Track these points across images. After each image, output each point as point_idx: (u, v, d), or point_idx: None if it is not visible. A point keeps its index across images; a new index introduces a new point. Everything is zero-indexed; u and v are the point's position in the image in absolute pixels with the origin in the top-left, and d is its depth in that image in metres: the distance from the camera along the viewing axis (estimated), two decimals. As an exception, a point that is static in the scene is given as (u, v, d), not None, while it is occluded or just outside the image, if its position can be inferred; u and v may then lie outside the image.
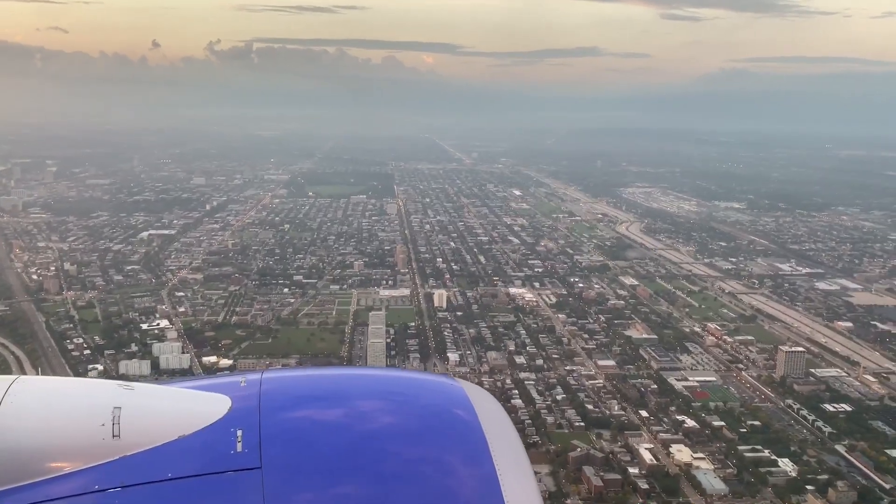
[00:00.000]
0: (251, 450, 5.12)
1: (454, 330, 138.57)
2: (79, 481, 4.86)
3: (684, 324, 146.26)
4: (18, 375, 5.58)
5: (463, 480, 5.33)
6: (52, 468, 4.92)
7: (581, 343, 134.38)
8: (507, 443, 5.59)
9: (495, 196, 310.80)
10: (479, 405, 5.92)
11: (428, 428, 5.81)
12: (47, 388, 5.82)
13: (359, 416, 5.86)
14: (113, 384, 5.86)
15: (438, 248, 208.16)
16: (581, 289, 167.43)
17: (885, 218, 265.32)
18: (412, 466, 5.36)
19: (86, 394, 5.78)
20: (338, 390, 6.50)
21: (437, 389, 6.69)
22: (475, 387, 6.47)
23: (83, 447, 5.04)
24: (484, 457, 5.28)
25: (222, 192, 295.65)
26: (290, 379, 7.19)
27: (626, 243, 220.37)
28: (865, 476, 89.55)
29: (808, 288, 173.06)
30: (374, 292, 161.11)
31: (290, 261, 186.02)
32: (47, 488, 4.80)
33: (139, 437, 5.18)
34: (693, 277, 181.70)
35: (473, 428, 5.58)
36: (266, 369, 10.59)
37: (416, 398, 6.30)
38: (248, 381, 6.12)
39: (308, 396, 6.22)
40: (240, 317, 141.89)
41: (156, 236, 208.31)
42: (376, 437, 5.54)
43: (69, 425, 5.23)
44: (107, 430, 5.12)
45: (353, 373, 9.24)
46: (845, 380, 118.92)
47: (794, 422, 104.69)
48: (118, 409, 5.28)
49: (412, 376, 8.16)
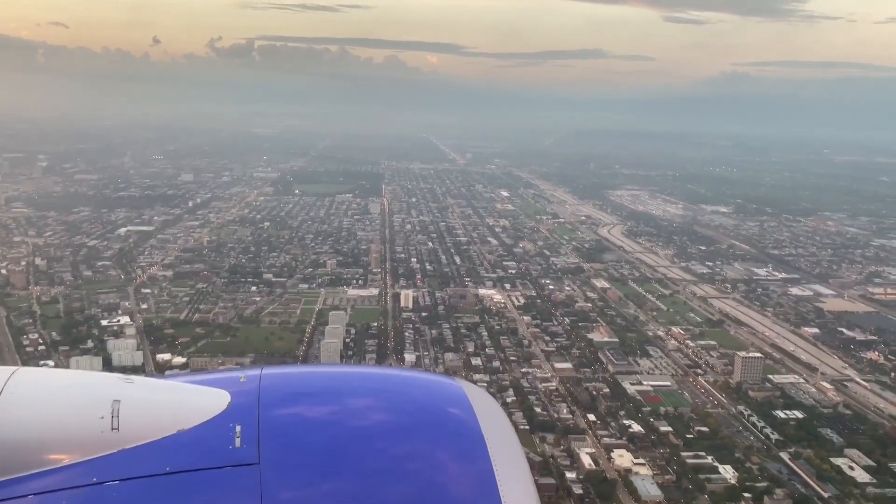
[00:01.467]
0: (249, 445, 5.10)
1: (416, 330, 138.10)
2: (77, 473, 4.85)
3: (649, 327, 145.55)
4: (18, 367, 5.62)
5: (460, 479, 5.31)
6: (51, 460, 4.92)
7: (542, 345, 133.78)
8: (505, 442, 5.57)
9: (482, 197, 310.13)
10: (477, 404, 5.91)
11: (426, 426, 5.81)
12: (47, 380, 5.84)
13: (357, 414, 5.90)
14: (113, 377, 5.85)
15: (415, 248, 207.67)
16: (551, 291, 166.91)
17: (870, 224, 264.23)
18: (410, 464, 5.33)
19: (85, 386, 5.74)
20: (337, 387, 6.48)
21: (436, 388, 6.69)
22: (474, 386, 6.44)
23: (82, 439, 5.03)
24: (481, 456, 5.26)
25: (208, 188, 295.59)
26: (290, 375, 7.25)
27: (604, 246, 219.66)
28: (805, 484, 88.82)
29: (780, 293, 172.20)
30: (342, 292, 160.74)
31: (263, 259, 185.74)
32: (46, 480, 4.79)
33: (138, 430, 5.16)
34: (666, 281, 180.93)
35: (471, 427, 5.57)
36: (266, 365, 10.70)
37: (415, 396, 6.30)
38: (247, 377, 6.12)
39: (307, 393, 6.22)
40: (202, 314, 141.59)
41: (133, 232, 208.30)
42: (374, 435, 5.57)
43: (68, 417, 5.22)
44: (106, 423, 5.10)
45: (353, 370, 9.30)
46: (802, 386, 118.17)
47: (743, 428, 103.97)
48: (117, 402, 5.26)
49: (411, 375, 8.14)
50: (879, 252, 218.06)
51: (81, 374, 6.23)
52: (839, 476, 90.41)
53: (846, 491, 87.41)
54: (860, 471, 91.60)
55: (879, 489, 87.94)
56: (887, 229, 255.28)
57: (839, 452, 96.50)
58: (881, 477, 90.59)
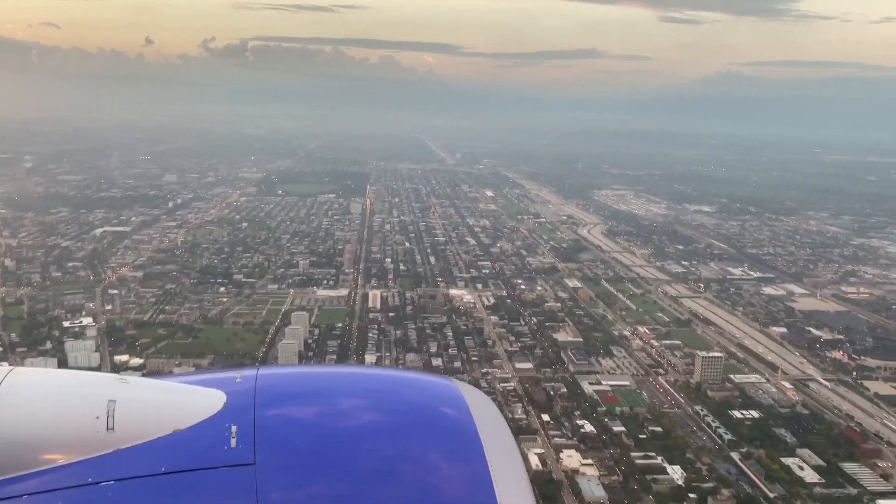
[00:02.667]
0: (245, 446, 5.05)
1: (381, 331, 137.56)
2: (72, 473, 4.80)
3: (616, 327, 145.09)
4: (13, 367, 5.57)
5: (456, 479, 5.29)
6: (46, 460, 4.87)
7: (506, 345, 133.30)
8: (502, 444, 5.53)
9: (466, 197, 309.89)
10: (473, 405, 5.86)
11: (422, 427, 5.76)
12: (41, 380, 5.78)
13: (353, 414, 5.87)
14: (108, 377, 5.84)
15: (392, 248, 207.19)
16: (522, 291, 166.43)
17: (852, 223, 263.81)
18: (406, 464, 5.32)
19: (80, 386, 5.70)
20: (333, 388, 6.43)
21: (432, 389, 6.66)
22: (471, 387, 6.38)
23: (77, 439, 4.98)
24: (477, 457, 5.22)
25: (191, 189, 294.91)
26: (286, 376, 7.21)
27: (582, 245, 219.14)
28: (753, 484, 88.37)
29: (753, 292, 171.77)
30: (311, 292, 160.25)
31: (236, 259, 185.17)
32: (40, 480, 4.74)
33: (133, 430, 5.11)
34: (640, 280, 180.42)
35: (468, 427, 5.53)
36: (262, 365, 10.69)
37: (411, 397, 6.27)
38: (243, 377, 6.08)
39: (303, 393, 6.20)
40: (167, 315, 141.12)
41: (109, 233, 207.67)
42: (370, 435, 5.54)
43: (63, 417, 5.16)
44: (101, 423, 5.05)
45: (349, 371, 9.17)
46: (762, 386, 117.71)
47: (698, 428, 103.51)
48: (113, 402, 5.21)
49: (407, 375, 8.00)
50: (858, 251, 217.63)
51: (76, 374, 6.10)
52: (788, 476, 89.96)
53: (793, 491, 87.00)
54: (810, 471, 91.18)
55: (826, 489, 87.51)
56: (868, 228, 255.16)
57: (791, 452, 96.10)
58: (830, 477, 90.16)
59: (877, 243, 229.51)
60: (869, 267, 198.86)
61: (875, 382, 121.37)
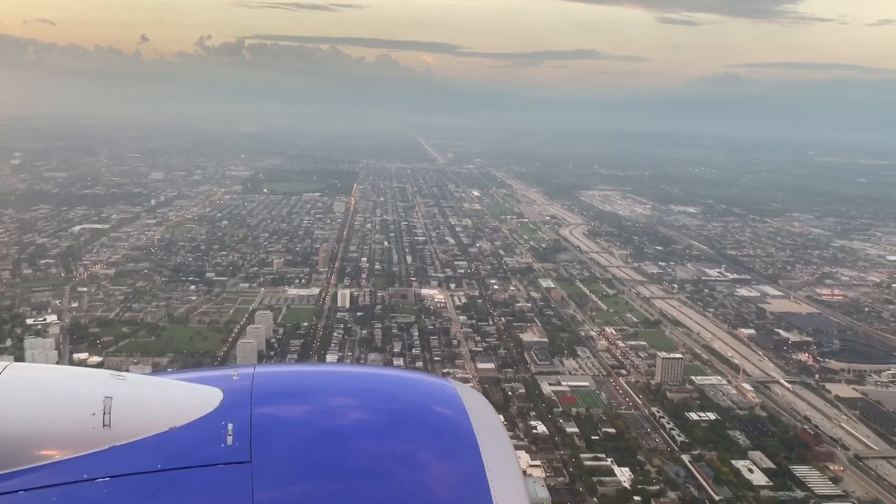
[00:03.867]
0: (241, 443, 5.07)
1: (347, 330, 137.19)
2: (68, 469, 4.82)
3: (584, 328, 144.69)
4: (10, 362, 5.54)
5: (452, 478, 5.31)
6: (42, 455, 4.89)
7: (471, 345, 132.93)
8: (497, 443, 5.55)
9: (452, 196, 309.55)
10: (469, 405, 5.90)
11: (418, 426, 5.78)
12: (39, 376, 5.80)
13: (349, 413, 5.89)
14: (105, 373, 5.79)
15: (370, 247, 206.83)
16: (494, 291, 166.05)
17: (836, 225, 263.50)
18: (402, 463, 5.33)
19: (77, 382, 5.69)
20: (329, 387, 6.44)
21: (429, 389, 6.66)
22: (467, 387, 6.41)
23: (73, 436, 4.99)
24: (473, 455, 5.25)
25: (176, 187, 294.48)
26: (282, 374, 7.22)
27: (562, 246, 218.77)
28: (700, 487, 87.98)
29: (727, 294, 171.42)
30: (282, 291, 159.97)
31: (211, 257, 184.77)
32: (36, 475, 4.77)
33: (130, 427, 5.12)
34: (614, 281, 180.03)
35: (463, 427, 5.56)
36: (258, 363, 10.74)
37: (408, 396, 6.27)
38: (240, 375, 6.08)
39: (299, 392, 6.17)
40: (133, 314, 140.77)
41: (87, 230, 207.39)
42: (366, 434, 5.54)
43: (60, 413, 5.18)
44: (97, 420, 5.06)
45: (346, 370, 9.18)
46: (723, 388, 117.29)
47: (653, 430, 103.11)
48: (109, 398, 5.21)
49: (404, 375, 8.21)
50: (838, 253, 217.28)
51: (73, 370, 6.10)
52: (736, 479, 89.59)
53: (739, 494, 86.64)
54: (759, 473, 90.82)
55: (773, 492, 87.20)
56: (851, 230, 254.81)
57: (744, 455, 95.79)
58: (779, 480, 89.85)
59: (858, 245, 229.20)
60: (847, 269, 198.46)
61: (837, 385, 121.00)
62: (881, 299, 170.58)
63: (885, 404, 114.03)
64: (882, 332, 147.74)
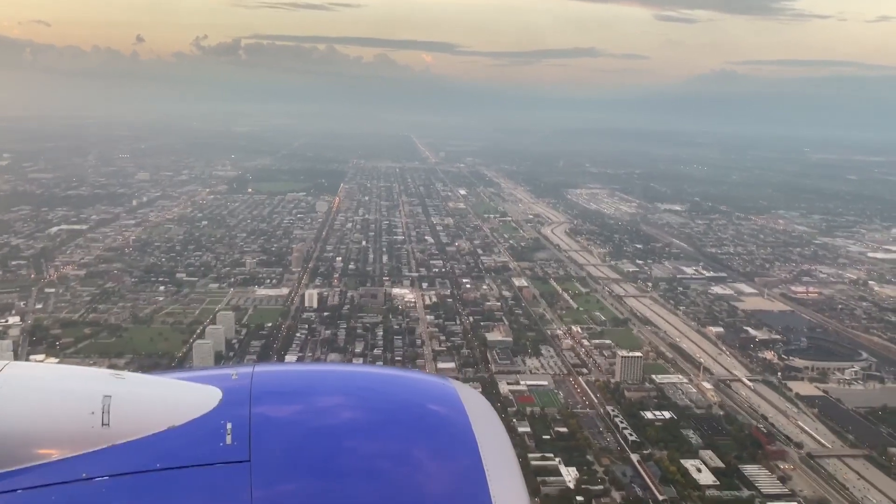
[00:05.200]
0: (240, 443, 5.07)
1: (311, 330, 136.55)
2: (67, 468, 4.82)
3: (552, 326, 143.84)
4: (9, 361, 5.52)
5: (451, 478, 5.29)
6: (41, 454, 4.89)
7: (435, 345, 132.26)
8: (497, 443, 5.54)
9: (438, 195, 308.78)
10: (469, 405, 5.87)
11: (418, 426, 5.75)
12: (38, 374, 5.78)
13: (349, 413, 5.87)
14: (104, 372, 5.80)
15: (346, 246, 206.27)
16: (466, 290, 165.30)
17: (820, 222, 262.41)
18: (401, 463, 5.33)
19: (76, 381, 5.66)
20: (329, 386, 6.41)
21: (428, 388, 6.62)
22: (467, 387, 6.38)
23: (72, 434, 5.00)
24: (472, 455, 5.24)
25: (161, 187, 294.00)
26: (281, 373, 7.24)
27: (541, 244, 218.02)
28: (646, 487, 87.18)
29: (700, 292, 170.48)
30: (251, 291, 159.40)
31: (185, 258, 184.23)
32: (35, 474, 4.78)
33: (128, 426, 5.11)
34: (589, 279, 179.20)
35: (463, 427, 5.53)
36: (258, 363, 10.58)
37: (407, 396, 6.26)
38: (239, 375, 6.07)
39: (298, 391, 6.16)
40: (98, 315, 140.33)
41: (64, 231, 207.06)
42: (365, 434, 5.53)
43: (59, 412, 5.18)
44: (96, 419, 5.06)
45: (345, 369, 9.13)
46: (683, 386, 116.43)
47: (606, 429, 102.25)
48: (108, 397, 5.21)
49: (404, 375, 8.10)
50: (819, 251, 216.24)
51: (72, 369, 6.07)
52: (683, 479, 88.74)
53: (684, 494, 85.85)
54: (707, 473, 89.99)
55: (719, 491, 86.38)
56: (836, 227, 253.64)
57: (694, 454, 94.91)
58: (727, 479, 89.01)
59: (840, 242, 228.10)
60: (826, 266, 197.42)
61: (799, 383, 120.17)
62: (855, 296, 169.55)
63: (846, 402, 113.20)
64: (852, 329, 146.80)
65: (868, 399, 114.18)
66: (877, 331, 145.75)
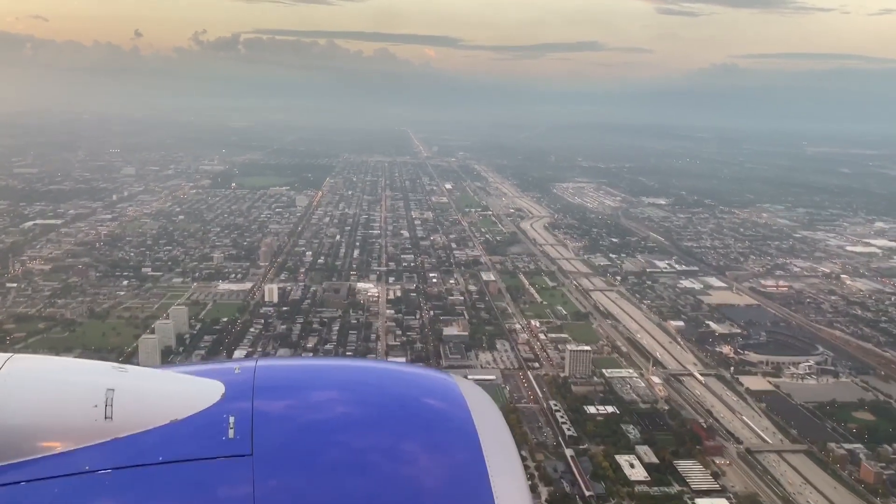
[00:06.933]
0: (243, 437, 5.06)
1: (266, 325, 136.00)
2: (69, 461, 4.82)
3: (512, 321, 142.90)
4: (13, 353, 5.45)
5: (453, 472, 5.28)
6: (43, 447, 4.88)
7: (390, 339, 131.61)
8: (498, 438, 5.52)
9: (423, 190, 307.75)
10: (471, 400, 5.84)
11: (419, 420, 5.71)
12: (41, 367, 5.68)
13: (351, 407, 5.82)
14: (107, 366, 5.71)
15: (319, 241, 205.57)
16: (432, 284, 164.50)
17: (804, 216, 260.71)
18: (402, 457, 5.31)
19: (79, 374, 5.60)
20: (331, 380, 6.37)
21: (430, 383, 6.52)
22: (469, 382, 6.31)
23: (75, 428, 4.98)
24: (474, 450, 5.23)
25: (144, 182, 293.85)
26: (284, 368, 7.17)
27: (517, 239, 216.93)
28: (575, 483, 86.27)
29: (669, 286, 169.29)
30: (214, 286, 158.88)
31: (154, 252, 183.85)
32: (37, 467, 4.76)
33: (131, 419, 5.08)
34: (559, 273, 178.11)
35: (465, 421, 5.52)
36: (260, 357, 10.56)
37: (408, 390, 6.22)
38: (242, 369, 6.05)
39: (301, 386, 6.12)
40: (56, 309, 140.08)
41: (39, 226, 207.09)
42: (367, 428, 5.51)
43: (62, 405, 5.14)
44: (99, 412, 5.03)
45: (347, 364, 9.03)
46: (632, 381, 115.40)
47: (546, 424, 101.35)
48: (111, 391, 5.17)
49: (404, 369, 8.08)
50: (797, 244, 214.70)
51: (75, 362, 5.94)
52: (615, 474, 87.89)
53: (613, 490, 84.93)
54: (640, 469, 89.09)
55: (648, 487, 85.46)
56: (819, 221, 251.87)
57: (631, 449, 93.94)
58: (659, 475, 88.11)
59: (821, 236, 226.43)
60: (801, 260, 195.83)
61: (753, 377, 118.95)
62: (825, 290, 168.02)
63: (795, 397, 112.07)
64: (816, 323, 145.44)
65: (819, 394, 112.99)
66: (840, 325, 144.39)
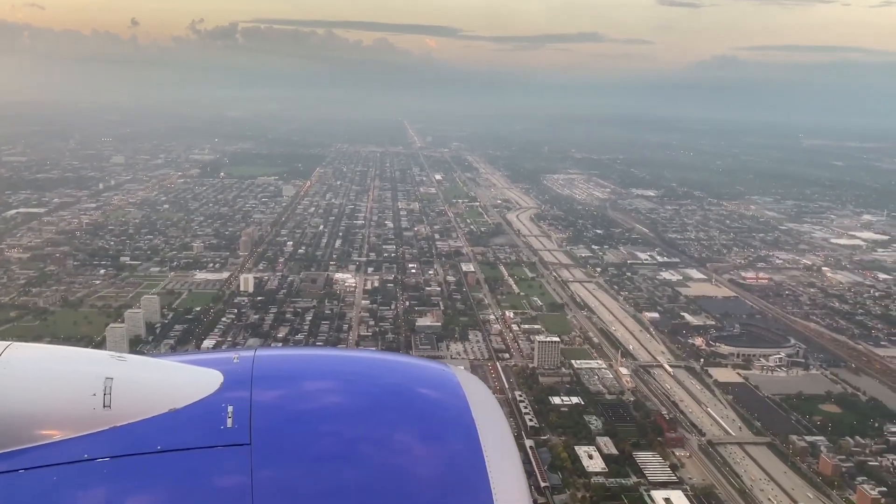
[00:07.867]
0: (241, 426, 5.07)
1: (238, 315, 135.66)
2: (68, 450, 4.82)
3: (487, 311, 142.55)
4: (11, 341, 5.48)
5: (450, 463, 5.27)
6: (42, 435, 4.89)
7: (362, 330, 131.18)
8: (496, 429, 5.50)
9: (412, 180, 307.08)
10: (469, 391, 5.82)
11: (417, 411, 5.74)
12: (40, 356, 5.71)
13: (349, 397, 5.83)
14: (105, 354, 5.73)
15: (302, 231, 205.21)
16: (411, 275, 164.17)
17: (791, 208, 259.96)
18: (400, 448, 5.33)
19: (78, 363, 5.61)
20: (330, 371, 6.36)
21: (428, 374, 6.49)
22: (466, 373, 6.33)
23: (73, 416, 4.99)
24: (472, 441, 5.21)
25: (133, 171, 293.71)
26: (283, 357, 7.20)
27: (502, 230, 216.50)
28: (532, 474, 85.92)
29: (647, 277, 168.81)
30: (190, 275, 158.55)
31: (134, 241, 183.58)
32: (36, 455, 4.77)
33: (130, 408, 5.09)
34: (540, 264, 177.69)
35: (463, 412, 5.51)
36: (259, 346, 10.62)
37: (406, 381, 6.21)
38: (240, 358, 6.03)
39: (299, 375, 6.11)
40: (29, 297, 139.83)
41: (21, 214, 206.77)
42: (365, 418, 5.50)
43: (60, 393, 5.15)
44: (98, 401, 5.03)
45: (346, 354, 9.21)
46: (600, 372, 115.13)
47: (509, 414, 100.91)
48: (110, 379, 5.18)
49: (403, 360, 7.92)
50: (782, 236, 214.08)
51: (74, 351, 5.89)
52: (573, 465, 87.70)
53: (568, 481, 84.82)
54: (599, 460, 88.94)
55: (605, 479, 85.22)
56: (806, 213, 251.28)
57: (591, 441, 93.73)
58: (617, 467, 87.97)
59: (806, 228, 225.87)
60: (784, 252, 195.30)
61: (722, 369, 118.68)
62: (805, 282, 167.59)
63: (764, 389, 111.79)
64: (792, 315, 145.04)
65: (787, 386, 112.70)
66: (816, 317, 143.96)
